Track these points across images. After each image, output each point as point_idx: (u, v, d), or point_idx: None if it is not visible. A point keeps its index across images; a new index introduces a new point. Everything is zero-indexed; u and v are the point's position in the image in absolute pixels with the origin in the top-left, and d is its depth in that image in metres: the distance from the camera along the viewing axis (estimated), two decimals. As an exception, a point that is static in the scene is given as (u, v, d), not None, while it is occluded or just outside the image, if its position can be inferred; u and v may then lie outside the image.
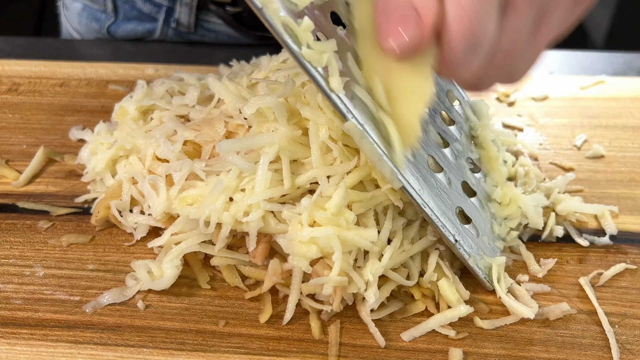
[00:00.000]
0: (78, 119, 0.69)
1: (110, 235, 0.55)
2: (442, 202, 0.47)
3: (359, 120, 0.42)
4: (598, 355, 0.47)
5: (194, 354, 0.46)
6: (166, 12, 0.85)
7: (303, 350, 0.46)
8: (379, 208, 0.49)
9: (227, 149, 0.48)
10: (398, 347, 0.47)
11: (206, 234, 0.50)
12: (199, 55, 0.81)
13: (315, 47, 0.39)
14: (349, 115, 0.41)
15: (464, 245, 0.48)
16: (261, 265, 0.50)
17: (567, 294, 0.52)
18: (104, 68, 0.78)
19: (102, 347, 0.46)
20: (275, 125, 0.49)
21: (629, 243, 0.56)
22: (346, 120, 0.41)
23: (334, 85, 0.40)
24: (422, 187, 0.46)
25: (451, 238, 0.47)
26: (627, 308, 0.50)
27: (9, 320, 0.48)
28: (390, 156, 0.43)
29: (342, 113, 0.41)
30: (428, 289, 0.50)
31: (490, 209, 0.54)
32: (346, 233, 0.46)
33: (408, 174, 0.45)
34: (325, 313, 0.48)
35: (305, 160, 0.49)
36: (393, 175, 0.44)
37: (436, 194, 0.47)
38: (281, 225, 0.48)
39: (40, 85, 0.75)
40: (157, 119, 0.58)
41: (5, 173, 0.61)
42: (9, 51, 0.82)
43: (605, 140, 0.69)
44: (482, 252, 0.50)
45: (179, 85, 0.63)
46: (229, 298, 0.50)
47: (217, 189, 0.47)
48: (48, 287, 0.50)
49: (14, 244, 0.54)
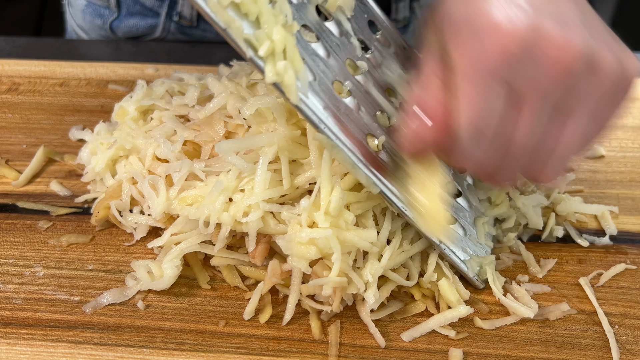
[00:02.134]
0: (78, 119, 0.69)
1: (110, 235, 0.55)
2: None
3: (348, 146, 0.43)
4: (598, 356, 0.47)
5: (194, 354, 0.46)
6: (169, 6, 0.85)
7: (303, 350, 0.46)
8: (377, 209, 0.49)
9: (226, 149, 0.48)
10: (398, 347, 0.47)
11: (206, 234, 0.50)
12: (199, 55, 0.81)
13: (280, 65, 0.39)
14: (321, 125, 0.42)
15: (449, 246, 0.49)
16: (261, 265, 0.50)
17: (567, 294, 0.52)
18: (104, 68, 0.78)
19: (102, 347, 0.46)
20: (275, 126, 0.49)
21: (629, 243, 0.56)
22: (318, 131, 0.42)
23: (292, 98, 0.40)
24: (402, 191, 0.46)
25: (435, 239, 0.48)
26: (627, 308, 0.50)
27: (9, 320, 0.48)
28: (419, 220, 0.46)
29: (313, 124, 0.42)
30: (428, 289, 0.50)
31: (480, 209, 0.54)
32: (345, 234, 0.46)
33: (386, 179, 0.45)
34: (325, 313, 0.48)
35: (304, 161, 0.49)
36: (369, 182, 0.44)
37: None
38: (280, 225, 0.48)
39: (40, 85, 0.75)
40: (157, 119, 0.58)
41: (5, 173, 0.61)
42: (9, 51, 0.82)
43: (605, 140, 0.69)
44: (470, 252, 0.50)
45: (179, 85, 0.63)
46: (229, 298, 0.50)
47: (217, 189, 0.47)
48: (48, 287, 0.50)
49: (14, 244, 0.54)
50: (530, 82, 0.39)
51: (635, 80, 0.42)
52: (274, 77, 0.39)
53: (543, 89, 0.40)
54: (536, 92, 0.40)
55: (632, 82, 0.42)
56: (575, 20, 0.39)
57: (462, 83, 0.40)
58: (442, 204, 0.46)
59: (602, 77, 0.40)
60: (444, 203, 0.46)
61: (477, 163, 0.43)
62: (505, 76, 0.39)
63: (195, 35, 0.88)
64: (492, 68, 0.39)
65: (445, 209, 0.46)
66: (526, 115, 0.41)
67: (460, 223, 0.51)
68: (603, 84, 0.41)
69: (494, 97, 0.40)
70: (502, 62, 0.39)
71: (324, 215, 0.45)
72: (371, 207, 0.48)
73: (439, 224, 0.46)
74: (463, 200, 0.53)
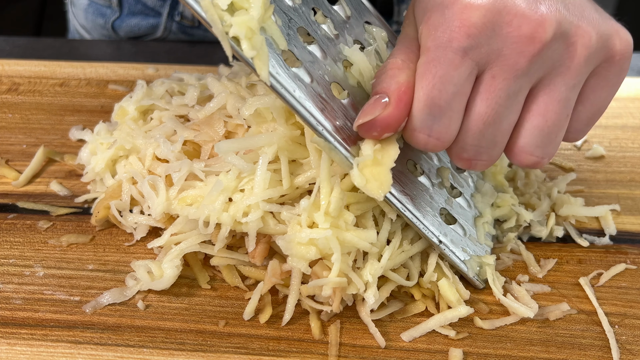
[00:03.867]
0: (78, 119, 0.69)
1: (110, 235, 0.55)
2: (424, 204, 0.48)
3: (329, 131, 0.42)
4: (598, 355, 0.47)
5: (194, 354, 0.46)
6: (170, 6, 0.85)
7: (303, 350, 0.46)
8: (377, 210, 0.49)
9: (226, 150, 0.48)
10: (398, 347, 0.47)
11: (206, 234, 0.50)
12: (199, 55, 0.81)
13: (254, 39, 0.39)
14: (318, 127, 0.42)
15: (449, 246, 0.49)
16: (261, 265, 0.50)
17: (567, 294, 0.52)
18: (104, 68, 0.78)
19: (102, 347, 0.46)
20: (274, 126, 0.49)
21: (629, 243, 0.56)
22: (317, 134, 0.42)
23: (263, 75, 0.39)
24: (404, 195, 0.46)
25: (435, 239, 0.48)
26: (627, 308, 0.50)
27: (9, 320, 0.48)
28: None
29: (311, 127, 0.42)
30: (428, 289, 0.50)
31: (479, 208, 0.54)
32: (345, 234, 0.46)
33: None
34: (325, 313, 0.48)
35: (304, 161, 0.49)
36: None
37: (419, 197, 0.48)
38: (280, 225, 0.48)
39: (40, 85, 0.75)
40: (157, 119, 0.58)
41: (5, 173, 0.61)
42: (9, 51, 0.82)
43: (605, 140, 0.69)
44: (470, 251, 0.50)
45: (179, 85, 0.63)
46: (229, 298, 0.50)
47: (216, 190, 0.47)
48: (48, 287, 0.50)
49: (14, 244, 0.54)
50: (494, 54, 0.39)
51: (626, 52, 0.42)
52: (252, 52, 0.38)
53: (508, 60, 0.39)
54: (500, 64, 0.39)
55: (619, 53, 0.42)
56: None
57: (423, 57, 0.40)
58: (388, 172, 0.43)
59: (578, 47, 0.40)
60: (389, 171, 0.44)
61: (434, 136, 0.41)
62: (468, 49, 0.39)
63: (197, 35, 0.88)
64: (453, 41, 0.39)
65: (390, 177, 0.43)
66: (488, 87, 0.40)
67: (460, 223, 0.51)
68: (578, 53, 0.40)
69: (453, 69, 0.39)
70: (463, 34, 0.38)
71: (324, 215, 0.45)
72: (371, 207, 0.48)
73: (380, 184, 0.44)
74: (462, 200, 0.53)
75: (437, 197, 0.50)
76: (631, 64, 0.82)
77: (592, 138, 0.69)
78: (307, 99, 0.41)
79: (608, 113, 0.73)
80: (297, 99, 0.41)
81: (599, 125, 0.71)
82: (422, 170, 0.50)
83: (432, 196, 0.49)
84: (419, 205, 0.47)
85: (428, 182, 0.50)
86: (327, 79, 0.44)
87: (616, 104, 0.74)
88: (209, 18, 0.37)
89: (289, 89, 0.40)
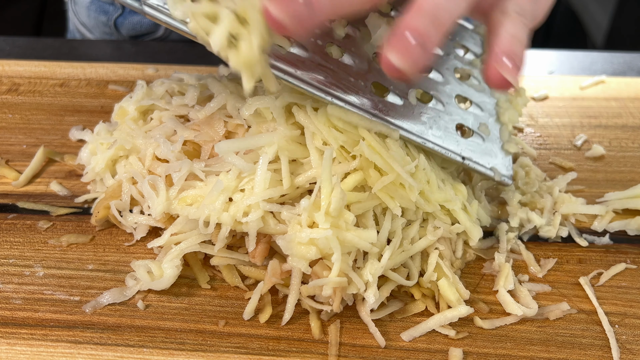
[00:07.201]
0: (78, 119, 0.69)
1: (110, 235, 0.55)
2: (439, 128, 0.50)
3: None
4: (598, 355, 0.47)
5: (194, 354, 0.46)
6: None
7: (303, 350, 0.46)
8: (378, 209, 0.49)
9: (226, 149, 0.48)
10: (398, 347, 0.47)
11: (206, 234, 0.50)
12: (199, 55, 0.81)
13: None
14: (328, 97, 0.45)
15: (472, 158, 0.51)
16: (261, 265, 0.50)
17: (567, 293, 0.52)
18: (104, 68, 0.78)
19: (102, 347, 0.46)
20: (274, 125, 0.49)
21: (628, 243, 0.56)
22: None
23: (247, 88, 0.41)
24: (421, 125, 0.49)
25: (458, 158, 0.50)
26: (627, 308, 0.50)
27: (9, 320, 0.48)
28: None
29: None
30: (428, 289, 0.50)
31: (495, 109, 0.56)
32: (345, 234, 0.46)
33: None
34: (325, 313, 0.48)
35: (304, 160, 0.49)
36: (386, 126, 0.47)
37: (434, 125, 0.50)
38: (280, 225, 0.48)
39: (40, 85, 0.75)
40: (157, 119, 0.58)
41: (5, 173, 0.61)
42: (9, 51, 0.82)
43: (605, 140, 0.69)
44: (493, 155, 0.52)
45: (179, 86, 0.63)
46: (229, 298, 0.50)
47: (217, 189, 0.47)
48: (48, 287, 0.50)
49: (14, 244, 0.54)
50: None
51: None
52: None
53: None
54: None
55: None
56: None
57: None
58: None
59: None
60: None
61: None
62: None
63: None
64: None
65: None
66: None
67: (476, 132, 0.53)
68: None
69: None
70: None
71: (324, 215, 0.45)
72: (371, 207, 0.48)
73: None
74: (475, 107, 0.54)
75: (452, 115, 0.52)
76: (631, 64, 0.82)
77: (592, 138, 0.69)
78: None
79: (608, 113, 0.73)
80: (300, 77, 0.45)
81: (598, 125, 0.71)
82: (431, 96, 0.52)
83: (442, 116, 0.51)
84: (436, 132, 0.49)
85: (440, 105, 0.52)
86: (320, 43, 0.47)
87: (616, 103, 0.74)
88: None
89: (290, 71, 0.44)
